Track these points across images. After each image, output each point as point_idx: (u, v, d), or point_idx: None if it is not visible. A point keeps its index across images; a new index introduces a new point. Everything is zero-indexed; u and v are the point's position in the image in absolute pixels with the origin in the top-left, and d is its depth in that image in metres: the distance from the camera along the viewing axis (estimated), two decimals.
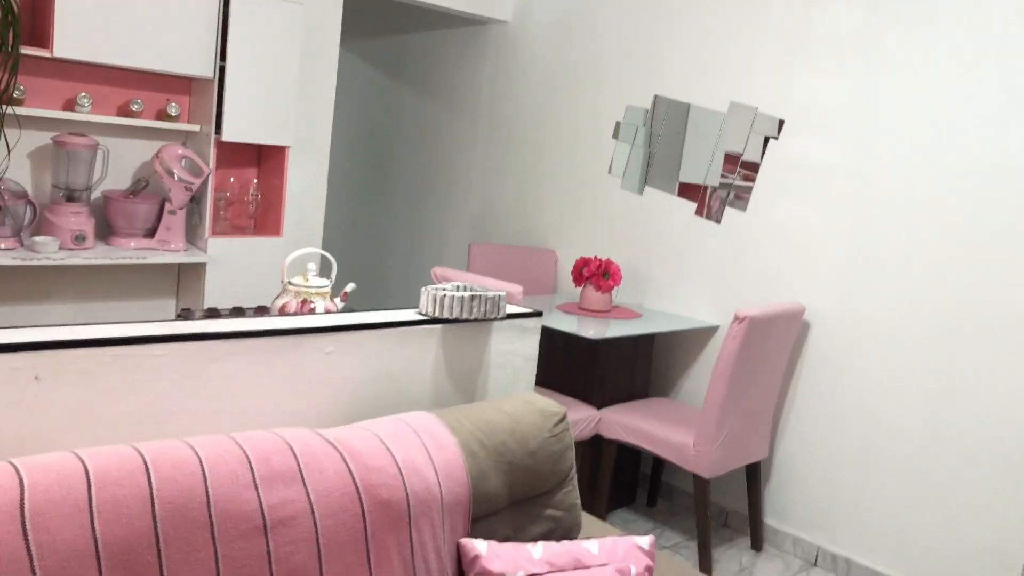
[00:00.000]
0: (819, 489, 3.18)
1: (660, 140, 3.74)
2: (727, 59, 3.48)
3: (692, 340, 3.60)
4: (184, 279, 3.46)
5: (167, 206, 3.21)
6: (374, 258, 5.33)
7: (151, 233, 3.22)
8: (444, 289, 1.93)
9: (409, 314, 1.91)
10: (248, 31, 3.24)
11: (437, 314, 1.89)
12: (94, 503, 1.15)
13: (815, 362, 3.20)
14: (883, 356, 3.01)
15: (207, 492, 1.25)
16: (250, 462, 1.32)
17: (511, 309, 2.09)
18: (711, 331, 3.53)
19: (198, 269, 3.31)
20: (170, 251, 3.21)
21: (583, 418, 3.12)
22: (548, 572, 1.48)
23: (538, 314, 2.09)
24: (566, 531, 1.71)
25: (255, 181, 3.60)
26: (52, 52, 2.86)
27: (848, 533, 3.10)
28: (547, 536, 1.68)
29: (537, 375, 3.47)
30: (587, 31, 4.04)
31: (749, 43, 3.41)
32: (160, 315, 3.45)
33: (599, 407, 3.27)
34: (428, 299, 1.90)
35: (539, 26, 4.27)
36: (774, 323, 2.98)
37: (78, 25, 2.87)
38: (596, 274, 3.44)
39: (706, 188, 3.56)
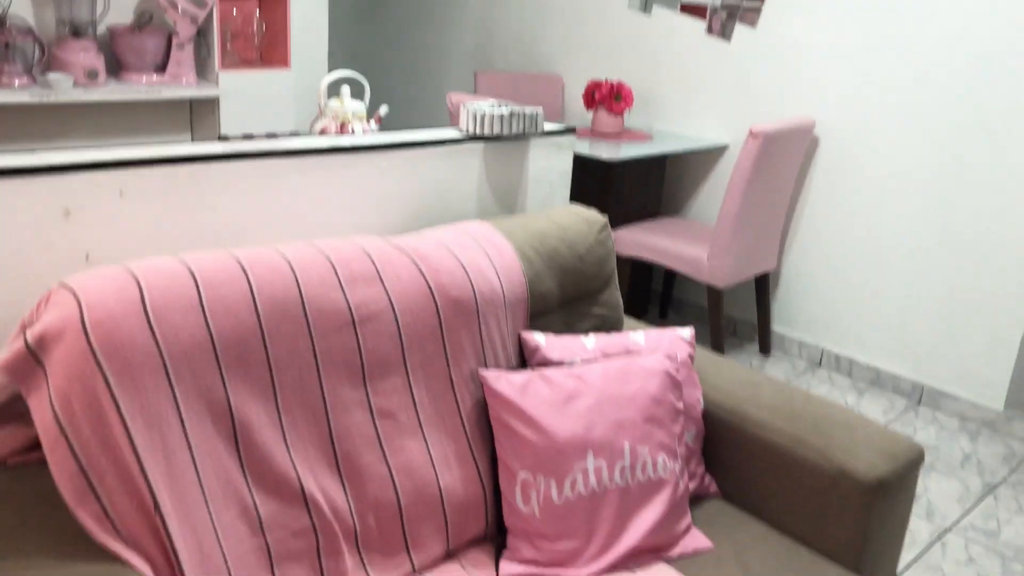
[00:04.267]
0: (825, 296, 3.36)
1: None
2: None
3: (702, 160, 3.66)
4: (197, 114, 3.44)
5: (174, 40, 3.15)
6: (376, 88, 5.26)
7: (161, 69, 3.18)
8: (483, 107, 1.97)
9: (451, 132, 1.96)
10: None
11: (478, 132, 1.94)
12: (204, 301, 1.25)
13: (824, 174, 3.29)
14: (890, 166, 3.10)
15: (300, 292, 1.35)
16: (334, 266, 1.41)
17: (546, 126, 2.14)
18: (720, 151, 3.59)
19: (211, 104, 3.30)
20: (182, 86, 3.18)
21: None
22: (603, 358, 1.63)
23: (571, 130, 2.14)
24: (611, 326, 1.85)
25: (257, 12, 3.50)
26: None
27: (852, 335, 3.31)
28: (595, 331, 1.82)
29: None
30: None
31: None
32: None
33: (614, 227, 3.37)
34: (468, 117, 1.94)
35: None
36: (786, 138, 3.04)
37: None
38: (608, 97, 3.45)
39: (711, 6, 3.50)
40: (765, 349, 3.47)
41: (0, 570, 1.06)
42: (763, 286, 3.39)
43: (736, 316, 3.66)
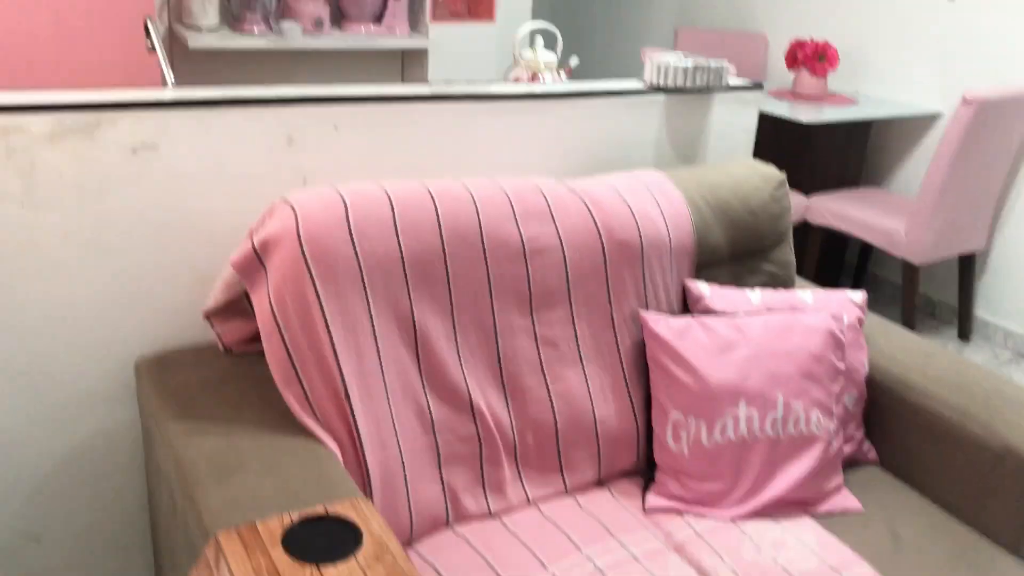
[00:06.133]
0: None
1: None
2: None
3: (911, 128, 3.45)
4: (408, 64, 3.70)
5: None
6: (575, 41, 5.34)
7: (378, 19, 3.44)
8: (668, 59, 2.01)
9: (634, 83, 2.01)
10: None
11: (661, 83, 1.98)
12: (398, 223, 1.41)
13: None
14: None
15: (479, 222, 1.48)
16: (511, 201, 1.53)
17: (731, 82, 2.14)
18: (932, 119, 3.36)
19: (420, 55, 3.53)
20: (396, 36, 3.43)
21: (792, 204, 3.16)
22: (767, 312, 1.65)
23: (758, 86, 2.13)
24: (781, 285, 1.86)
25: None
26: None
27: None
28: (764, 288, 1.83)
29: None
30: None
31: None
32: None
33: (808, 194, 3.28)
34: (652, 68, 1.99)
35: None
36: (1006, 107, 2.81)
37: None
38: (811, 57, 3.32)
39: None
40: (964, 334, 3.26)
41: (228, 434, 1.29)
42: (968, 266, 3.17)
43: (935, 297, 3.45)
